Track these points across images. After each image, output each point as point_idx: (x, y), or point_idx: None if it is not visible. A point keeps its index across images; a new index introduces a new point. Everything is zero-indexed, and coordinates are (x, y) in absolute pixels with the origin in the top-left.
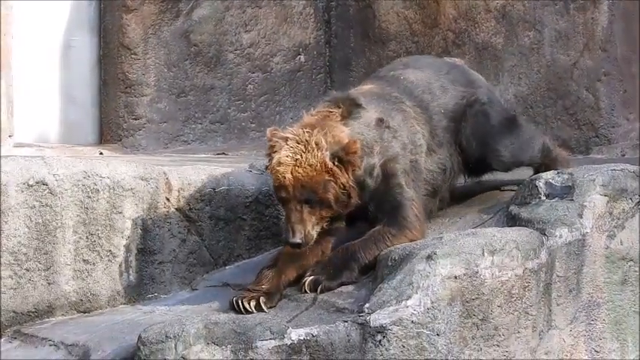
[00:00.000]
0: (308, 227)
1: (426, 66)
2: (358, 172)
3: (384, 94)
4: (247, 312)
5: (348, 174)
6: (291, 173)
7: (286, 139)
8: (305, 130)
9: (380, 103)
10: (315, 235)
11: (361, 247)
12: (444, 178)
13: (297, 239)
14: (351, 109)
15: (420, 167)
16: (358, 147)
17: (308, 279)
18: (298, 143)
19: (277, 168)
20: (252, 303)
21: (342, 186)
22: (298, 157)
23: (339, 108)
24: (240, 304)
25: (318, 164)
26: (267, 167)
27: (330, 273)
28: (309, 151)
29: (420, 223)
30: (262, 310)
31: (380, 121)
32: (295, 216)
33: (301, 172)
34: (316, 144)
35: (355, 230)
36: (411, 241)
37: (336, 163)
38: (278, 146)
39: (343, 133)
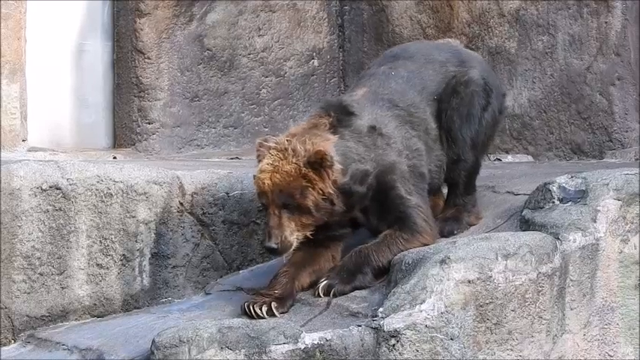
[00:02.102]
0: (286, 232)
1: (416, 53)
2: (341, 179)
3: (378, 98)
4: (259, 317)
5: (325, 181)
6: (270, 179)
7: (269, 148)
8: (287, 138)
9: (374, 110)
10: (294, 242)
11: (374, 251)
12: (440, 175)
13: (273, 244)
14: (342, 117)
15: (421, 171)
16: (328, 154)
17: (322, 283)
18: (279, 152)
19: (259, 175)
20: (264, 308)
21: (320, 192)
22: (277, 164)
23: (330, 116)
24: (252, 309)
25: (293, 170)
26: (254, 176)
27: (344, 277)
28: (285, 159)
29: (431, 227)
30: (274, 315)
31: (372, 128)
32: (273, 220)
33: (279, 177)
34: (293, 151)
35: (361, 236)
36: (424, 245)
37: (310, 170)
38: (262, 155)
39: (327, 141)
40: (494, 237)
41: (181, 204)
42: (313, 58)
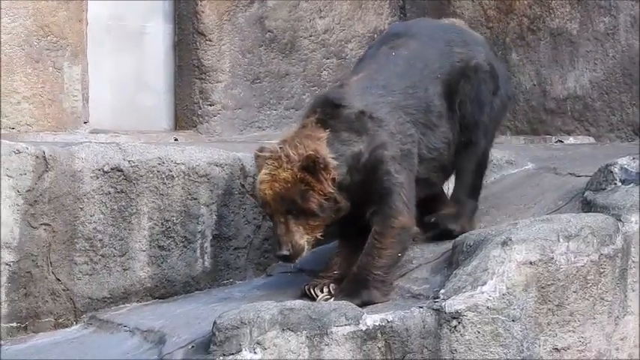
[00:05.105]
0: (295, 238)
1: (419, 32)
2: (339, 174)
3: (372, 85)
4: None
5: (323, 182)
6: (270, 189)
7: (265, 158)
8: (280, 146)
9: (365, 97)
10: (305, 246)
11: (361, 268)
12: (449, 152)
13: (284, 251)
14: (328, 110)
15: (412, 156)
16: (319, 157)
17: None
18: (274, 160)
19: (259, 187)
20: (325, 289)
21: (321, 193)
22: (274, 172)
23: (316, 113)
24: (313, 291)
25: (290, 177)
26: (255, 188)
27: (350, 294)
28: (281, 166)
29: (408, 210)
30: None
31: (361, 113)
32: (281, 228)
33: (277, 185)
34: (287, 157)
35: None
36: (401, 228)
37: (307, 174)
38: (259, 166)
39: (318, 140)
40: (555, 218)
41: (242, 186)
42: (374, 40)
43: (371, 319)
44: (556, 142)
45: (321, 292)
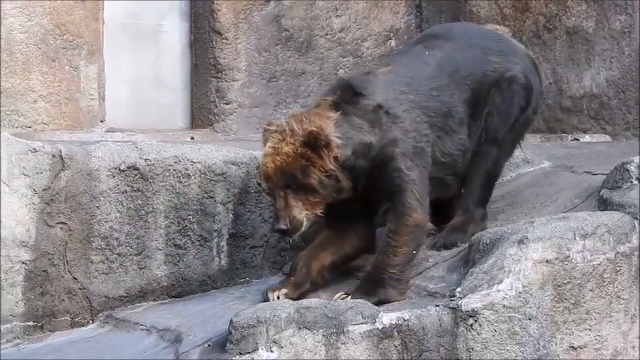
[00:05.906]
0: (294, 212)
1: (458, 36)
2: (343, 155)
3: (397, 80)
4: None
5: (324, 159)
6: (272, 162)
7: (272, 132)
8: (286, 120)
9: (386, 92)
10: (304, 221)
11: (377, 267)
12: (463, 159)
13: (282, 225)
14: (347, 96)
15: (426, 154)
16: (322, 134)
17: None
18: (279, 134)
19: (263, 160)
20: (277, 294)
21: (322, 169)
22: (277, 146)
23: (335, 95)
24: (270, 295)
25: (292, 151)
26: (259, 163)
27: (366, 293)
28: (284, 140)
29: (422, 207)
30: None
31: (379, 106)
32: (279, 202)
33: (279, 159)
34: (291, 132)
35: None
36: (415, 225)
37: (308, 149)
38: (265, 140)
39: (326, 119)
40: (572, 217)
41: (259, 184)
42: (390, 39)
43: (387, 317)
44: (572, 140)
45: (278, 297)
